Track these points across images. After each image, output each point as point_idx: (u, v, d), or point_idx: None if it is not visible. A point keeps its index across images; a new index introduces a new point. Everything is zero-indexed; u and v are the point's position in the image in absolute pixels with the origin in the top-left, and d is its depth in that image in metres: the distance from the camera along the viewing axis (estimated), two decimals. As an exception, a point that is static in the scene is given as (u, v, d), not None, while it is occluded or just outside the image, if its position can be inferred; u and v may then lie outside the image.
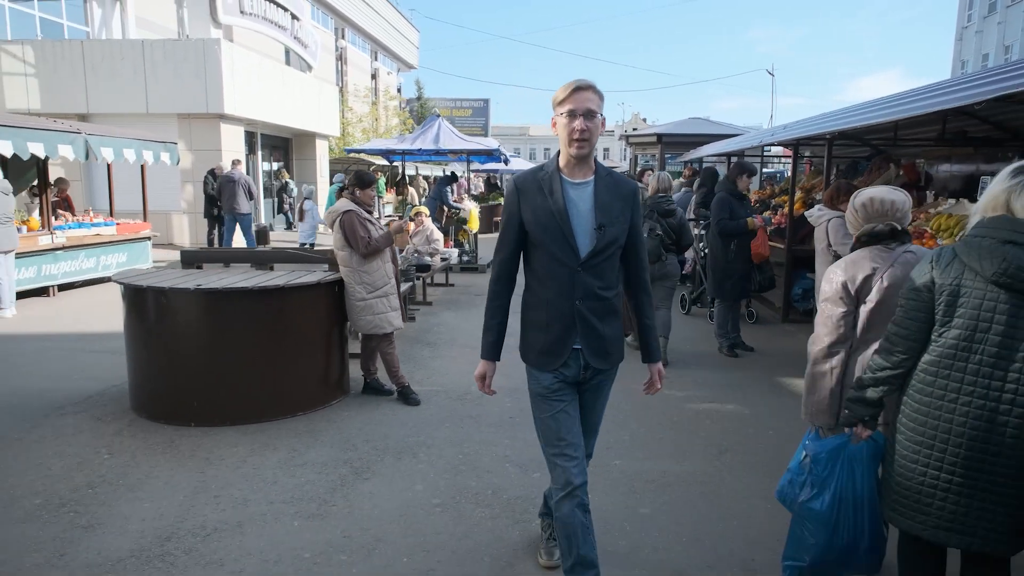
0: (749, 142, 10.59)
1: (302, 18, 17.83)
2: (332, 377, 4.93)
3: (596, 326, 2.43)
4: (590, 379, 2.51)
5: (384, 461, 3.96)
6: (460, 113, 42.02)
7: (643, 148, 18.28)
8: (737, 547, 3.06)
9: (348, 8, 27.77)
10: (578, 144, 2.31)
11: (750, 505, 3.45)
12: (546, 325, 2.45)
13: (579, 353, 2.44)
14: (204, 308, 4.43)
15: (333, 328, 4.91)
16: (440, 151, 11.97)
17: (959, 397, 2.01)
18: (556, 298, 2.42)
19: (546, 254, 2.41)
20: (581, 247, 2.37)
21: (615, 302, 2.50)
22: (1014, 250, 1.93)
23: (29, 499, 3.45)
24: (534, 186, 2.42)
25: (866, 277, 2.50)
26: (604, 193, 2.39)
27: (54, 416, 4.65)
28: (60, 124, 8.62)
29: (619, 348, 2.56)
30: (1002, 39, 36.36)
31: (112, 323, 7.59)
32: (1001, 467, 1.96)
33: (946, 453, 2.03)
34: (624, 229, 2.44)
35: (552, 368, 2.45)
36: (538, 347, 2.48)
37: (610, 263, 2.45)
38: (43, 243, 8.74)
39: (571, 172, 2.40)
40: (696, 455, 4.07)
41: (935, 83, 5.39)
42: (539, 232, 2.39)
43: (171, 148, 10.86)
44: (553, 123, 2.39)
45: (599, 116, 2.34)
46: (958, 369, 2.01)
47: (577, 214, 2.37)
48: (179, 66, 13.58)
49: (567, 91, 2.33)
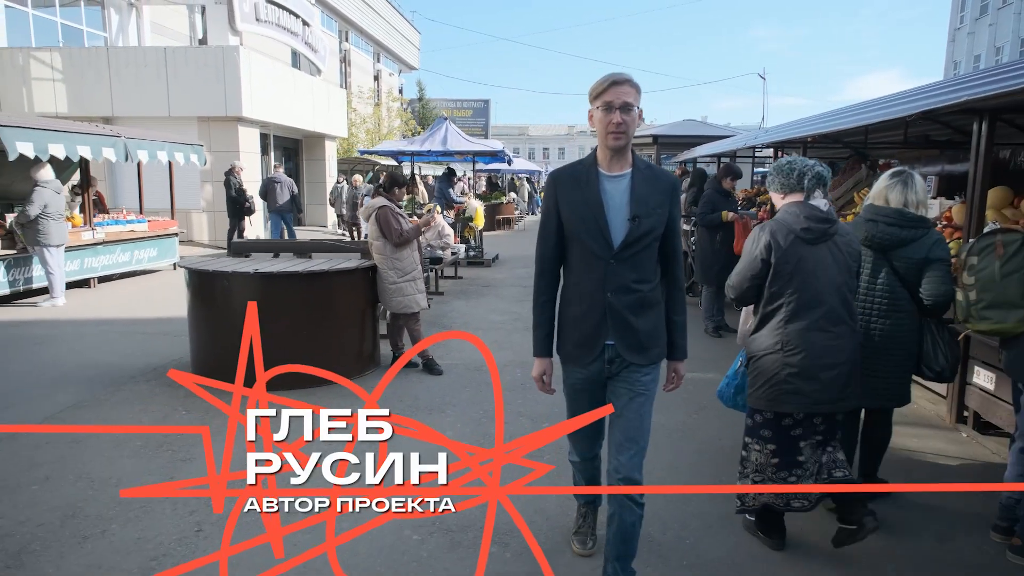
0: (736, 144, 11.37)
1: (312, 24, 18.60)
2: (367, 351, 5.70)
3: (629, 320, 2.40)
4: (618, 372, 2.46)
5: (417, 415, 4.72)
6: (461, 113, 42.78)
7: (639, 149, 19.04)
8: (707, 472, 3.84)
9: (351, 11, 28.50)
10: (615, 136, 2.31)
11: (721, 445, 4.23)
12: (581, 318, 2.45)
13: (609, 349, 2.44)
14: (260, 289, 5.19)
15: (367, 308, 5.67)
16: (448, 152, 12.74)
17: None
18: (590, 291, 2.41)
19: (581, 246, 2.41)
20: (615, 238, 2.36)
21: (652, 296, 2.45)
22: (870, 225, 3.26)
23: (132, 441, 4.22)
24: (571, 179, 2.43)
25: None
26: (642, 185, 2.38)
27: (130, 384, 5.41)
28: (103, 129, 9.39)
29: (659, 344, 2.50)
30: (993, 40, 37.14)
31: (157, 310, 8.37)
32: (870, 347, 3.18)
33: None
34: (661, 221, 2.40)
35: (584, 364, 2.47)
36: (573, 340, 2.48)
37: (646, 255, 2.41)
38: (85, 238, 9.49)
39: (608, 165, 2.40)
40: (678, 411, 4.84)
41: (899, 92, 6.15)
42: (575, 224, 2.40)
43: (198, 150, 11.63)
44: (590, 116, 2.39)
45: (636, 109, 2.34)
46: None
47: (613, 206, 2.37)
48: (200, 71, 14.33)
49: (604, 85, 2.32)
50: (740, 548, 3.09)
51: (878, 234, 3.26)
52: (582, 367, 2.48)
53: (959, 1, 41.02)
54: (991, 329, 3.11)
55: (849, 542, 2.86)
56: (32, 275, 8.59)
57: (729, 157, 11.84)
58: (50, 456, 3.98)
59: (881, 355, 3.23)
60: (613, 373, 2.46)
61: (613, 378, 2.48)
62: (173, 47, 15.22)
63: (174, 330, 7.13)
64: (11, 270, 8.33)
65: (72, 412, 4.77)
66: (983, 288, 3.11)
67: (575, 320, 2.47)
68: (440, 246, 9.77)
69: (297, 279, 5.21)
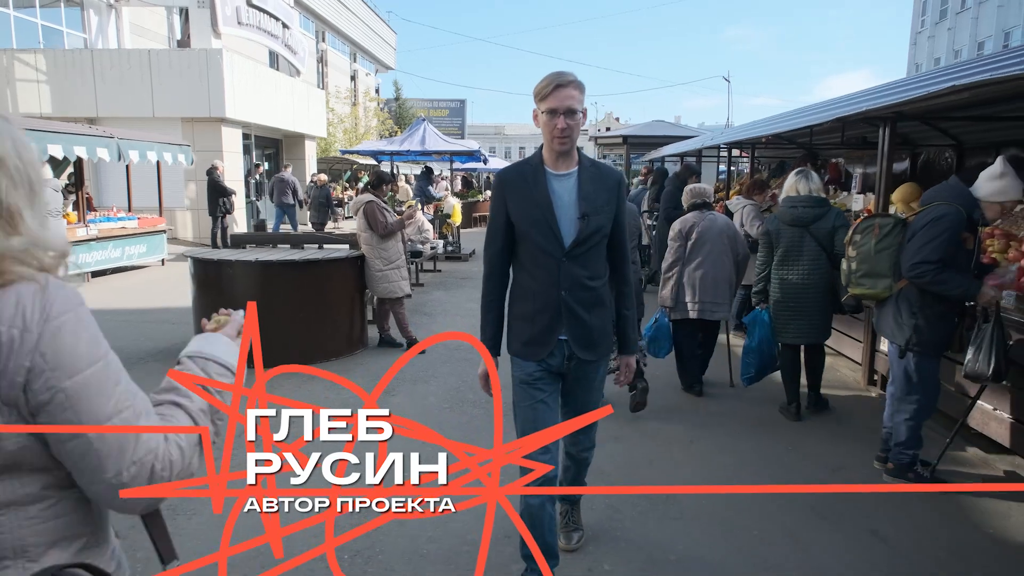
0: (699, 144, 12.14)
1: (292, 26, 19.04)
2: (356, 332, 6.31)
3: (582, 316, 2.45)
4: (574, 369, 2.53)
5: (403, 386, 5.36)
6: (437, 113, 43.26)
7: (610, 148, 19.82)
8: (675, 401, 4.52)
9: (328, 11, 28.89)
10: (560, 141, 2.36)
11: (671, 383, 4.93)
12: (532, 316, 2.48)
13: (564, 344, 2.48)
14: (261, 275, 5.78)
15: (356, 293, 6.28)
16: (427, 152, 13.34)
17: (787, 278, 4.56)
18: (542, 288, 2.45)
19: (532, 245, 2.44)
20: (565, 236, 2.40)
21: (602, 293, 2.52)
22: (792, 209, 4.50)
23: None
24: (519, 179, 2.46)
25: (691, 227, 4.83)
26: (588, 184, 2.42)
27: (140, 363, 5.95)
28: (96, 130, 9.84)
29: (606, 340, 2.58)
30: (952, 44, 38.53)
31: (152, 301, 8.88)
32: (803, 305, 4.50)
33: (787, 304, 4.57)
34: (609, 218, 2.46)
35: (537, 358, 2.49)
36: (524, 337, 2.51)
37: (596, 252, 2.47)
38: (79, 234, 9.94)
39: (555, 164, 2.44)
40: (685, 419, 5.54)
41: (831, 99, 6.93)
42: (525, 223, 2.43)
43: (186, 150, 12.11)
44: (535, 116, 2.42)
45: (580, 112, 2.36)
46: (784, 266, 4.59)
47: (561, 205, 2.40)
48: (183, 73, 14.75)
49: (549, 88, 2.33)
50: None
51: (800, 214, 4.53)
52: (538, 361, 2.49)
53: (920, 5, 42.41)
54: (863, 293, 3.84)
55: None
56: (31, 269, 9.02)
57: (694, 156, 12.64)
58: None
59: (811, 300, 4.54)
60: (570, 369, 2.53)
61: (568, 374, 2.55)
62: (157, 50, 15.61)
63: (172, 319, 7.66)
64: (12, 264, 8.77)
65: (92, 386, 5.31)
66: (861, 260, 3.82)
67: (527, 318, 2.50)
68: (420, 240, 10.38)
69: (294, 267, 5.81)
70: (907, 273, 3.57)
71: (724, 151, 11.08)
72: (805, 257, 4.51)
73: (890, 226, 3.71)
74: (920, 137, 7.94)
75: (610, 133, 22.54)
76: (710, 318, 4.96)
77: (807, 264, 4.51)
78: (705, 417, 4.78)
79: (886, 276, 3.72)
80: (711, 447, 4.26)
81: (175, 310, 8.13)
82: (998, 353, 3.37)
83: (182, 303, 8.39)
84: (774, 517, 3.34)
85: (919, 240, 3.52)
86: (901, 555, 3.04)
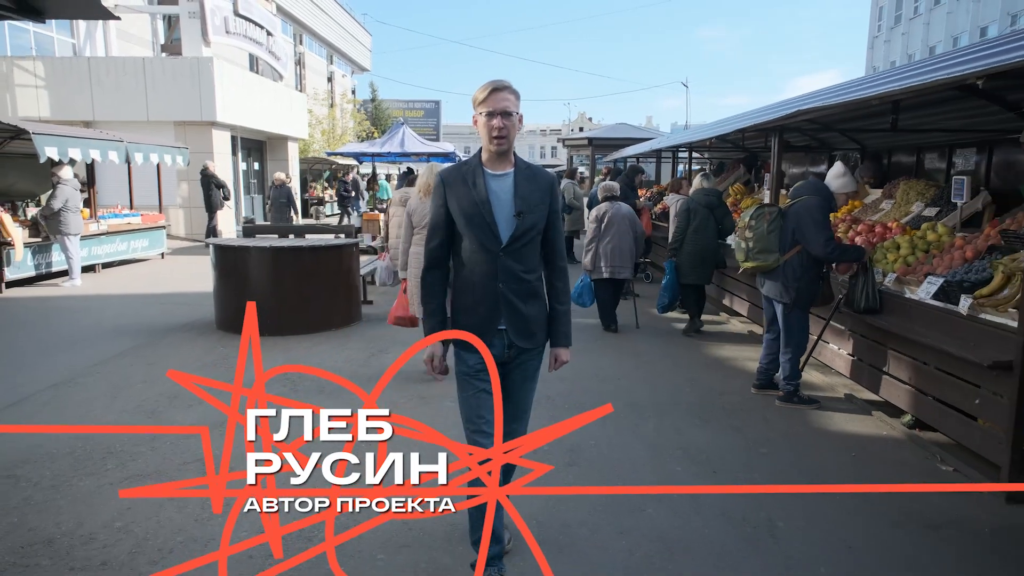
0: (656, 145, 13.46)
1: (275, 33, 20.03)
2: (352, 307, 7.47)
3: (519, 307, 2.63)
4: (515, 358, 2.70)
5: (395, 347, 6.52)
6: (413, 114, 44.18)
7: (577, 150, 21.18)
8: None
9: (305, 14, 29.76)
10: (497, 141, 2.53)
11: (596, 325, 6.19)
12: (473, 307, 2.64)
13: (504, 334, 2.64)
14: (273, 259, 6.91)
15: (351, 274, 7.44)
16: (406, 153, 14.50)
17: (697, 241, 6.81)
18: (481, 281, 2.61)
19: (471, 241, 2.59)
20: (502, 233, 2.57)
21: (537, 285, 2.70)
22: (702, 196, 6.82)
23: (192, 364, 5.91)
24: (459, 179, 2.61)
25: (604, 213, 6.55)
26: (523, 184, 2.60)
27: (169, 333, 7.05)
28: (108, 135, 10.86)
29: (543, 329, 2.74)
30: (906, 48, 40.51)
31: (164, 287, 9.94)
32: (703, 258, 6.85)
33: (694, 256, 6.87)
34: (543, 216, 2.64)
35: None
36: (465, 326, 2.61)
37: (531, 248, 2.64)
38: (92, 229, 10.93)
39: (492, 165, 2.61)
40: (611, 347, 6.80)
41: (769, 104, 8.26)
42: (464, 220, 2.57)
43: (184, 152, 13.12)
44: (474, 121, 2.58)
45: (516, 115, 2.54)
46: (697, 233, 6.81)
47: (498, 203, 2.57)
48: (176, 79, 15.72)
49: (486, 92, 2.52)
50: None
51: (704, 200, 6.78)
52: (478, 352, 2.54)
53: (877, 11, 44.35)
54: (757, 265, 5.08)
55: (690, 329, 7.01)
56: (52, 260, 10.03)
57: (653, 158, 14.01)
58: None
59: (709, 255, 6.82)
60: (511, 358, 2.69)
61: (508, 363, 2.70)
62: (151, 57, 16.54)
63: (187, 301, 8.75)
64: (36, 256, 9.77)
65: (136, 351, 6.40)
66: (756, 240, 5.06)
67: (467, 308, 2.66)
68: (402, 234, 11.55)
69: (301, 252, 6.97)
70: (823, 252, 4.64)
71: (683, 151, 12.51)
72: (707, 228, 6.72)
73: (776, 214, 4.94)
74: (836, 142, 9.32)
75: (576, 135, 23.93)
76: (618, 277, 7.07)
77: (709, 232, 6.74)
78: (620, 343, 6.85)
79: (774, 251, 4.90)
80: (626, 362, 5.92)
81: (187, 294, 9.22)
82: (870, 298, 4.63)
83: (190, 289, 9.54)
84: (668, 411, 4.66)
85: (811, 228, 4.66)
86: (752, 442, 4.31)
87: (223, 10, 16.75)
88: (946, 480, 3.84)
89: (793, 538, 3.17)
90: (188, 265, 12.38)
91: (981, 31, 33.60)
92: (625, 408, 4.84)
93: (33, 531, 3.17)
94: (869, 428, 4.60)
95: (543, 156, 65.51)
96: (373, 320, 7.71)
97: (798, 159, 11.22)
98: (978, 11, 34.60)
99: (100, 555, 2.98)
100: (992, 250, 4.12)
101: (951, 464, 3.94)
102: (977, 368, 3.60)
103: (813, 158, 10.96)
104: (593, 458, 4.02)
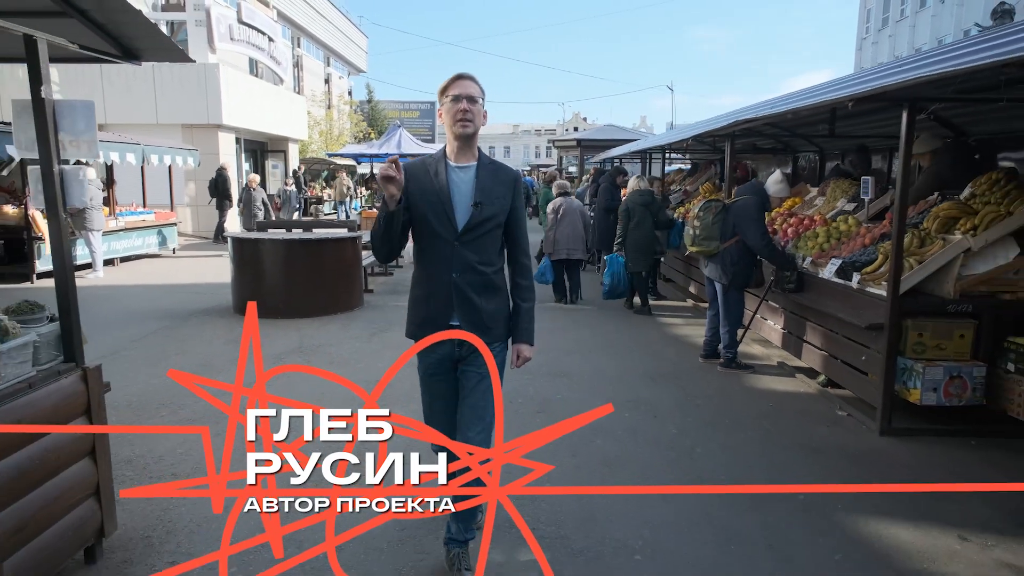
0: (640, 146, 14.37)
1: (276, 39, 20.89)
2: (355, 294, 8.36)
3: (473, 300, 2.59)
4: (467, 355, 2.62)
5: (393, 327, 7.40)
6: (409, 115, 44.94)
7: (566, 150, 22.11)
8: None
9: (302, 17, 30.58)
10: (462, 124, 2.52)
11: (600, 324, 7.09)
12: (426, 298, 2.64)
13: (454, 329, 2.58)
14: (287, 249, 7.79)
15: (356, 264, 8.33)
16: (403, 154, 15.38)
17: (637, 234, 7.77)
18: (436, 272, 2.60)
19: (429, 229, 2.59)
20: (459, 221, 2.57)
21: (494, 279, 2.65)
22: (638, 195, 7.14)
23: (218, 340, 6.79)
24: (421, 170, 2.62)
25: (560, 206, 7.94)
26: (486, 178, 2.61)
27: (191, 317, 7.93)
28: (126, 138, 11.72)
29: (501, 325, 2.68)
30: (893, 50, 41.43)
31: (181, 279, 10.82)
32: (643, 248, 7.81)
33: (635, 248, 7.85)
34: (504, 210, 2.64)
35: (432, 348, 2.55)
36: (418, 320, 2.65)
37: (489, 239, 2.62)
38: (111, 226, 11.78)
39: (456, 157, 2.62)
40: (583, 326, 7.69)
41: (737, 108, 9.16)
42: (423, 207, 2.58)
43: (194, 154, 14.01)
44: (439, 112, 2.59)
45: (480, 103, 2.56)
46: (636, 229, 7.82)
47: (458, 193, 2.58)
48: (184, 84, 16.58)
49: (451, 80, 2.56)
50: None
51: (640, 199, 7.75)
52: (431, 351, 2.59)
53: (864, 13, 45.29)
54: (701, 250, 5.98)
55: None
56: (76, 254, 10.88)
57: (641, 157, 14.95)
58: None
59: (646, 245, 7.77)
60: (463, 356, 2.63)
61: (462, 361, 2.65)
62: (160, 63, 17.36)
63: (202, 291, 9.61)
64: (63, 249, 10.62)
65: (165, 331, 7.27)
66: (702, 229, 5.97)
67: (421, 300, 2.67)
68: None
69: (312, 243, 7.85)
70: (757, 244, 5.56)
71: (668, 152, 13.45)
72: (645, 223, 7.75)
73: (720, 208, 5.86)
74: (798, 145, 10.24)
75: (566, 136, 24.91)
76: (572, 257, 8.63)
77: (647, 227, 7.76)
78: (574, 316, 8.15)
79: (716, 240, 5.83)
80: (581, 331, 7.16)
81: (201, 284, 10.10)
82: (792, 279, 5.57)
83: (204, 280, 10.43)
84: (626, 376, 5.55)
85: (748, 223, 5.58)
86: (690, 396, 5.21)
87: (228, 18, 17.63)
88: (840, 424, 4.75)
89: (707, 460, 4.08)
90: (198, 260, 13.26)
91: (964, 33, 34.51)
92: (593, 374, 5.74)
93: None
94: (789, 387, 5.52)
95: (537, 156, 66.31)
96: (374, 305, 8.60)
97: (768, 160, 12.15)
98: (961, 14, 35.54)
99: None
100: (884, 237, 5.02)
101: (846, 411, 4.86)
102: (860, 330, 4.52)
103: (780, 160, 11.92)
104: (558, 409, 4.91)
